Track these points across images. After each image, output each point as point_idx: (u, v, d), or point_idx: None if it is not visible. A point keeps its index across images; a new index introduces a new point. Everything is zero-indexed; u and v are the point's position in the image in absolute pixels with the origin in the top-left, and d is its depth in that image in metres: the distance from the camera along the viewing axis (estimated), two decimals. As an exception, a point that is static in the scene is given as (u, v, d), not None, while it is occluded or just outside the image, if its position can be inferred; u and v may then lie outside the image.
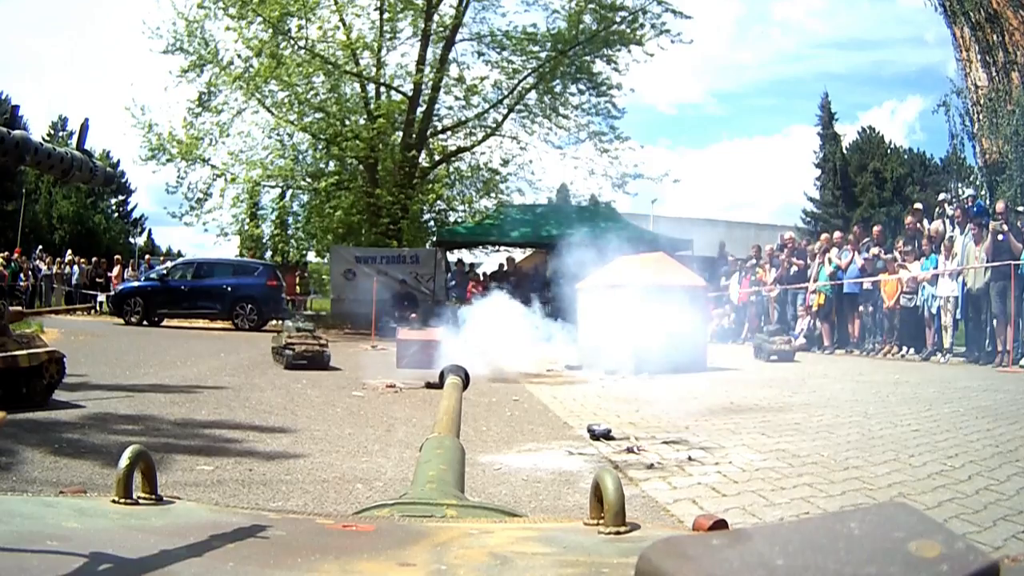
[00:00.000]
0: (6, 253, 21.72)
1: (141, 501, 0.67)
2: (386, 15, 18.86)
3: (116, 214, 39.98)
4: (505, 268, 18.15)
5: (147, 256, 25.38)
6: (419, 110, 19.72)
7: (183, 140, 19.23)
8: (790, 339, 11.03)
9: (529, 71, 19.55)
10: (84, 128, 1.09)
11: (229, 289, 15.52)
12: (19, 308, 6.77)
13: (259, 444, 4.20)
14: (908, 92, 64.77)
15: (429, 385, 6.57)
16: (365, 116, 19.10)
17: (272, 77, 18.09)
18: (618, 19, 18.74)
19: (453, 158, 21.14)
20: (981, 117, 15.27)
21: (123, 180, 37.85)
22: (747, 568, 0.31)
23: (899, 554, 0.31)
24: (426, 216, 21.73)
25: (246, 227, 20.80)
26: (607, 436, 4.49)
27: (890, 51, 73.33)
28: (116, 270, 20.93)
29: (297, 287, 19.90)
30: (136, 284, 16.50)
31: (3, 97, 33.50)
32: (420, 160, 20.16)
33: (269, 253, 21.56)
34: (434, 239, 20.37)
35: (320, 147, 19.66)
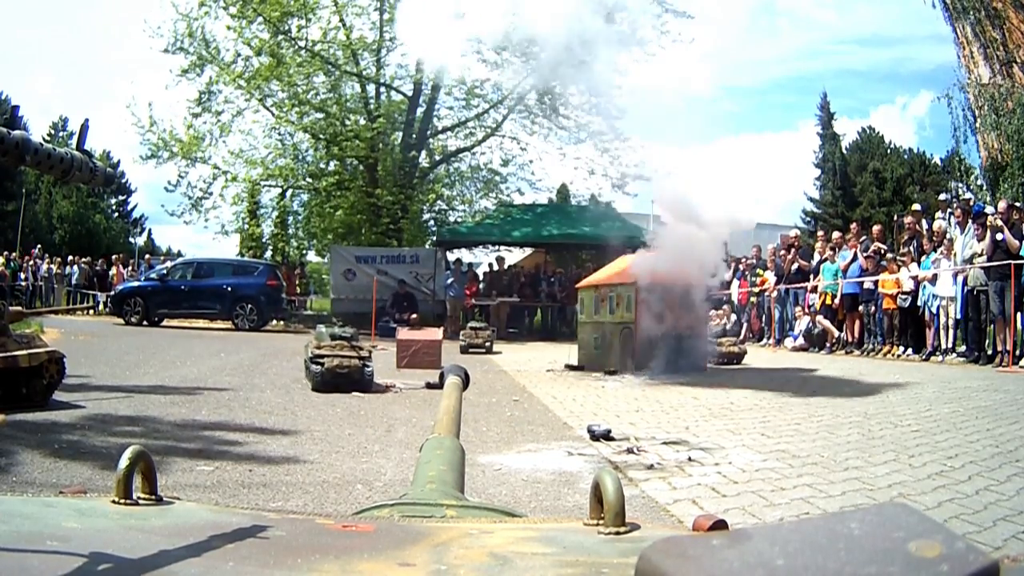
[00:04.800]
0: (7, 253, 21.75)
1: (141, 501, 0.67)
2: (386, 15, 18.87)
3: (116, 214, 39.98)
4: (496, 268, 18.14)
5: (147, 256, 25.39)
6: (419, 110, 19.73)
7: (183, 139, 19.26)
8: None
9: (529, 72, 19.55)
10: (84, 128, 1.09)
11: (229, 289, 15.51)
12: (19, 308, 6.77)
13: (259, 445, 4.20)
14: (923, 88, 65.01)
15: (429, 385, 6.57)
16: (365, 116, 19.12)
17: (273, 77, 18.12)
18: (618, 20, 18.73)
19: (453, 158, 21.16)
20: (983, 111, 15.26)
21: (123, 180, 37.87)
22: (747, 568, 0.31)
23: (899, 554, 0.31)
24: (426, 216, 21.76)
25: (246, 226, 20.83)
26: (607, 436, 4.49)
27: (911, 48, 73.46)
28: (114, 271, 20.92)
29: (297, 287, 19.90)
30: (136, 284, 16.48)
31: (3, 97, 33.51)
32: (420, 160, 20.18)
33: (269, 253, 21.58)
34: (434, 239, 20.37)
35: (320, 147, 19.68)
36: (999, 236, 9.13)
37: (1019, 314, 9.17)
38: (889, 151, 36.51)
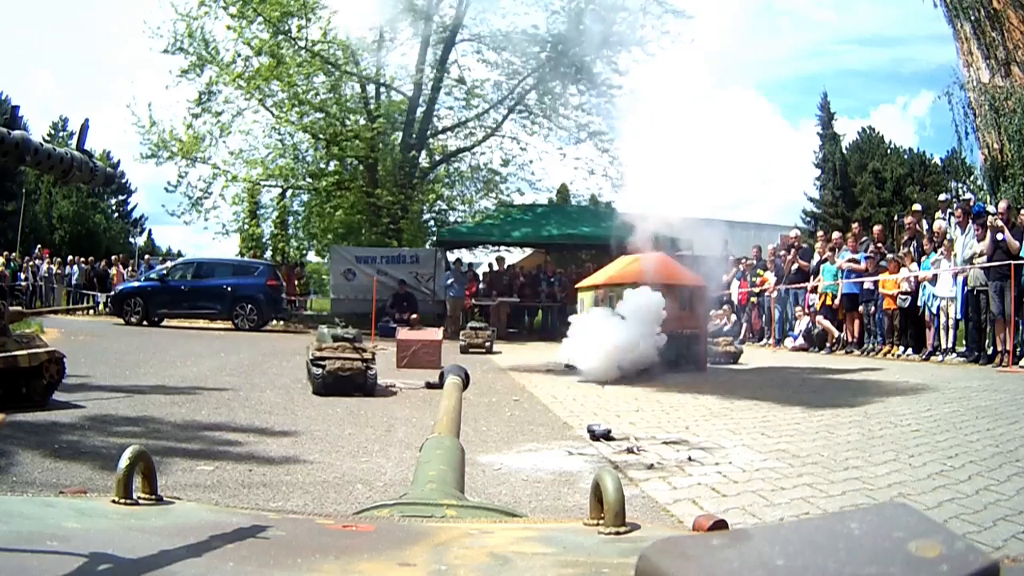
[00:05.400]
0: (7, 253, 21.75)
1: (141, 501, 0.67)
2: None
3: (116, 214, 40.00)
4: (496, 268, 18.13)
5: (146, 256, 25.38)
6: (419, 110, 19.74)
7: (183, 139, 19.27)
8: None
9: (529, 72, 19.56)
10: (84, 128, 1.09)
11: (229, 289, 15.51)
12: (19, 308, 6.76)
13: (259, 444, 4.20)
14: (923, 88, 64.89)
15: (429, 385, 6.57)
16: (365, 116, 19.12)
17: (273, 77, 18.12)
18: (618, 20, 18.75)
19: (453, 158, 21.17)
20: (984, 110, 15.27)
21: (123, 180, 37.88)
22: (747, 568, 0.31)
23: (899, 554, 0.31)
24: (426, 216, 21.77)
25: (246, 226, 20.84)
26: (607, 436, 4.49)
27: (912, 48, 73.34)
28: (114, 271, 20.92)
29: (297, 287, 19.92)
30: (136, 284, 16.49)
31: (3, 97, 33.50)
32: (420, 160, 20.19)
33: (269, 253, 21.59)
34: (434, 239, 20.38)
35: (320, 147, 19.69)
36: (999, 236, 9.13)
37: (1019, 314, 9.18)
38: (889, 151, 36.54)
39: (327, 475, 3.56)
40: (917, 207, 12.87)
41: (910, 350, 10.73)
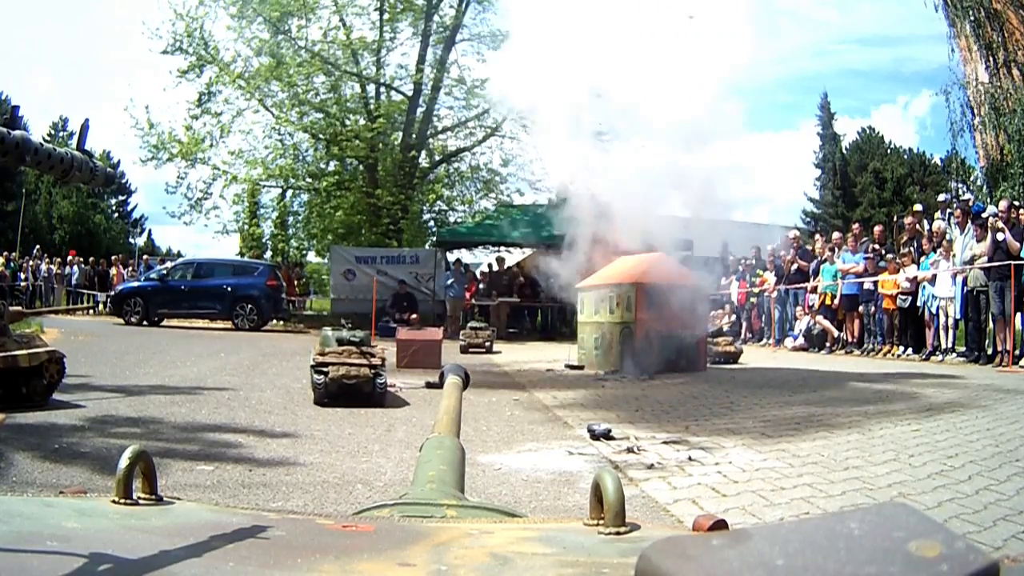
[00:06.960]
0: (7, 253, 21.73)
1: (141, 501, 0.67)
2: (386, 16, 18.89)
3: (116, 214, 39.99)
4: (495, 268, 18.11)
5: (145, 256, 25.37)
6: (419, 110, 19.74)
7: (183, 140, 19.26)
8: None
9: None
10: (84, 128, 1.08)
11: (229, 289, 15.50)
12: (19, 308, 6.76)
13: (259, 445, 4.20)
14: (924, 88, 64.65)
15: (429, 385, 6.57)
16: (365, 116, 19.13)
17: (273, 77, 18.13)
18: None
19: (453, 158, 21.16)
20: (982, 111, 15.27)
21: (123, 180, 37.87)
22: (747, 568, 0.31)
23: (899, 554, 0.31)
24: (426, 216, 21.77)
25: (246, 226, 20.86)
26: (607, 436, 4.50)
27: (913, 47, 73.08)
28: (114, 271, 20.91)
29: (297, 287, 19.91)
30: (136, 284, 16.48)
31: (3, 97, 33.49)
32: (420, 160, 20.19)
33: (269, 253, 21.59)
34: (434, 239, 20.38)
35: (320, 147, 19.70)
36: (1000, 236, 9.12)
37: (1019, 314, 9.17)
38: (889, 151, 36.51)
39: (327, 475, 3.56)
40: (917, 207, 12.87)
41: (910, 350, 10.73)
